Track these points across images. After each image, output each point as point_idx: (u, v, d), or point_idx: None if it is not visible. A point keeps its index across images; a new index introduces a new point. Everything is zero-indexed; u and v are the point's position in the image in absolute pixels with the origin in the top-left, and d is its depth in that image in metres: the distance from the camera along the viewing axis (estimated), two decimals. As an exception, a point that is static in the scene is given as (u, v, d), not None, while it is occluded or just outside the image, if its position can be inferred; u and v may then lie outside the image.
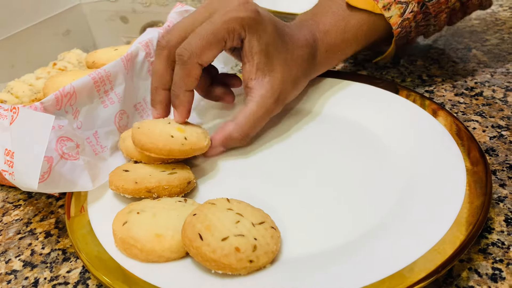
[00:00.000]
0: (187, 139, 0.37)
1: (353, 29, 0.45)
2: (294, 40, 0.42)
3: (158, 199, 0.34)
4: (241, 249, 0.28)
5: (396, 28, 0.45)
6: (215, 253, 0.28)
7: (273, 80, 0.40)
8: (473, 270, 0.29)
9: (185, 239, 0.29)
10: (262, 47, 0.39)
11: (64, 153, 0.35)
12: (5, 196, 0.43)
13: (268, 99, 0.40)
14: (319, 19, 0.46)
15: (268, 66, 0.39)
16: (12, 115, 0.33)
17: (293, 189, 0.37)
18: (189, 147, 0.37)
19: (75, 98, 0.38)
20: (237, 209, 0.31)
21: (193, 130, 0.39)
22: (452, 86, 0.50)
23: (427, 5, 0.45)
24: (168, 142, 0.36)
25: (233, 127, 0.39)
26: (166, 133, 0.37)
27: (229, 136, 0.40)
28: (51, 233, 0.38)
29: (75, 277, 0.33)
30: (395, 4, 0.44)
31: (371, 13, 0.45)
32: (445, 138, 0.37)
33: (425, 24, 0.48)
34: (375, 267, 0.28)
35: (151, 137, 0.36)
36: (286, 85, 0.41)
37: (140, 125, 0.38)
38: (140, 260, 0.30)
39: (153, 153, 0.36)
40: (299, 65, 0.42)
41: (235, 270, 0.28)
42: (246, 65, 0.40)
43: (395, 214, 0.32)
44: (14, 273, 0.34)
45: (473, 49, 0.57)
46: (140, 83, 0.45)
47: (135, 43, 0.46)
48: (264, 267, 0.29)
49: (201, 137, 0.38)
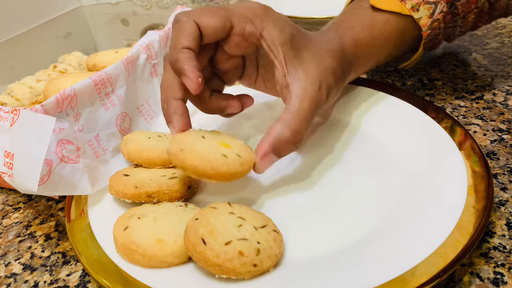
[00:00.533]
0: (241, 156, 0.33)
1: (380, 25, 0.42)
2: (318, 37, 0.38)
3: (158, 203, 0.34)
4: (244, 253, 0.28)
5: (426, 29, 0.43)
6: (218, 257, 0.27)
7: (309, 69, 0.35)
8: (475, 274, 0.29)
9: (188, 244, 0.29)
10: (286, 37, 0.35)
11: (64, 156, 0.35)
12: (5, 198, 0.43)
13: (310, 89, 0.35)
14: (342, 21, 0.43)
15: (296, 58, 0.35)
16: (13, 116, 0.33)
17: (294, 193, 0.37)
18: (247, 166, 0.33)
19: (76, 100, 0.38)
20: (239, 213, 0.31)
21: (234, 142, 0.35)
22: (453, 90, 0.50)
23: (456, 5, 0.43)
24: (230, 165, 0.32)
25: (281, 127, 0.34)
26: (217, 152, 0.32)
27: (279, 138, 0.34)
28: (51, 236, 0.37)
29: (75, 281, 0.33)
30: (424, 5, 0.42)
31: (398, 14, 0.43)
32: (446, 142, 0.37)
33: (452, 25, 0.46)
34: (376, 271, 0.28)
35: (206, 162, 0.31)
36: (324, 74, 0.36)
37: (179, 145, 0.32)
38: (142, 266, 0.30)
39: (214, 180, 0.31)
40: (331, 57, 0.37)
41: (239, 274, 0.28)
42: (274, 62, 0.35)
43: (397, 218, 0.32)
44: (14, 276, 0.34)
45: (474, 52, 0.57)
46: (143, 85, 0.45)
47: (136, 45, 0.46)
48: (268, 271, 0.29)
49: (247, 149, 0.34)
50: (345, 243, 0.31)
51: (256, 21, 0.35)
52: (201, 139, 0.34)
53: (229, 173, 0.32)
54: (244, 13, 0.35)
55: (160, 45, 0.47)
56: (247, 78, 0.41)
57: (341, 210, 0.34)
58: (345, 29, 0.41)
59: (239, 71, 0.40)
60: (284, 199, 0.36)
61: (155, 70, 0.47)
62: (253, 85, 0.42)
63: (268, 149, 0.34)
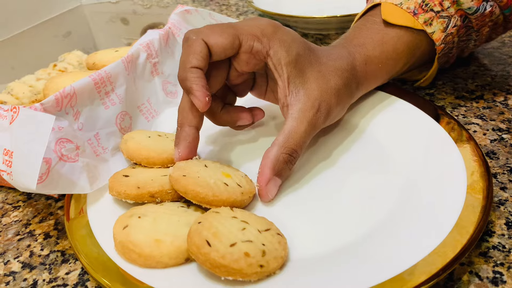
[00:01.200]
0: (241, 186, 0.34)
1: (392, 41, 0.42)
2: (326, 54, 0.38)
3: (161, 203, 0.34)
4: (250, 254, 0.28)
5: (439, 44, 0.42)
6: (224, 258, 0.27)
7: (309, 92, 0.36)
8: (474, 273, 0.29)
9: (192, 246, 0.28)
10: (291, 58, 0.35)
11: (63, 154, 0.35)
12: (4, 197, 0.43)
13: (308, 112, 0.35)
14: (352, 37, 0.43)
15: (300, 78, 0.36)
16: (12, 114, 0.33)
17: (293, 195, 0.36)
18: (247, 196, 0.34)
19: (75, 99, 0.38)
20: (242, 217, 0.31)
21: (234, 173, 0.36)
22: (453, 89, 0.50)
23: (470, 18, 0.42)
24: (230, 193, 0.33)
25: (276, 149, 0.35)
26: (218, 180, 0.33)
27: (276, 159, 0.34)
28: (50, 234, 0.37)
29: (74, 279, 0.33)
30: (437, 19, 0.41)
31: (410, 29, 0.42)
32: (445, 141, 0.37)
33: (466, 39, 0.45)
34: (375, 270, 0.28)
35: (208, 188, 0.32)
36: (326, 95, 0.36)
37: (181, 171, 0.34)
38: (138, 265, 0.30)
39: (214, 205, 0.32)
40: (337, 76, 0.38)
41: (246, 275, 0.27)
42: (278, 81, 0.36)
43: (396, 217, 0.32)
44: (13, 274, 0.34)
45: (474, 52, 0.57)
46: (143, 84, 0.45)
47: (136, 44, 0.46)
48: (274, 273, 0.29)
49: (248, 181, 0.36)
50: (343, 243, 0.31)
51: (263, 40, 0.35)
52: (204, 168, 0.35)
53: (229, 201, 0.32)
54: (253, 31, 0.35)
55: (161, 44, 0.47)
56: (257, 90, 0.42)
57: (341, 210, 0.34)
58: (356, 46, 0.41)
59: (250, 84, 0.41)
60: (285, 201, 0.36)
61: (155, 69, 0.47)
62: (263, 96, 0.42)
63: (271, 174, 0.34)
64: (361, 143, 0.41)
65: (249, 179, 0.36)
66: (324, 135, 0.43)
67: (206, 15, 0.50)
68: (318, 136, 0.43)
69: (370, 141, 0.41)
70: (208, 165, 0.36)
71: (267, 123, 0.46)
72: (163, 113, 0.47)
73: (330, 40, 0.67)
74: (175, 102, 0.48)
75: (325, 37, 0.69)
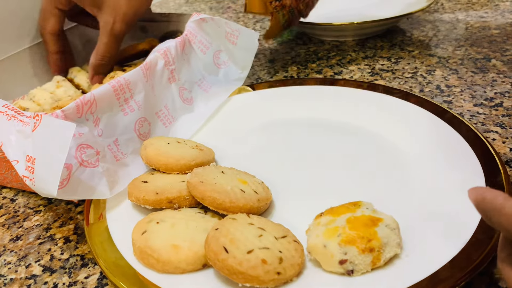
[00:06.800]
0: (258, 193, 0.35)
1: None
2: None
3: (178, 209, 0.34)
4: (267, 261, 0.28)
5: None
6: (242, 265, 0.27)
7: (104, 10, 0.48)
8: (493, 283, 0.29)
9: (210, 253, 0.28)
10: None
11: (83, 160, 0.36)
12: (26, 201, 0.44)
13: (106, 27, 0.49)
14: None
15: None
16: (35, 122, 0.34)
17: (309, 202, 0.36)
18: (264, 202, 0.35)
19: (95, 106, 0.38)
20: (258, 224, 0.31)
21: (251, 180, 0.37)
22: (471, 97, 0.49)
23: None
24: (246, 199, 0.33)
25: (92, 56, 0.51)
26: (235, 187, 0.34)
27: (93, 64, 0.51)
28: (70, 239, 0.38)
29: (93, 283, 0.33)
30: None
31: None
32: (464, 149, 0.37)
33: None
34: (394, 276, 0.28)
35: (225, 195, 0.33)
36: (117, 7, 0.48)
37: (199, 177, 0.34)
38: (157, 271, 0.30)
39: (231, 212, 0.33)
40: None
41: (263, 282, 0.27)
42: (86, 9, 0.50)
43: (413, 228, 0.32)
44: (34, 277, 0.35)
45: (493, 59, 0.56)
46: (161, 91, 0.46)
47: (153, 52, 0.47)
48: (291, 280, 0.29)
49: (264, 188, 0.36)
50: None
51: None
52: (221, 174, 0.36)
53: (246, 207, 0.33)
54: None
55: (177, 51, 0.48)
56: None
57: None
58: None
59: None
60: (301, 208, 0.36)
61: (172, 76, 0.47)
62: None
63: (92, 72, 0.52)
64: (379, 149, 0.41)
65: (266, 186, 0.37)
66: (344, 143, 0.43)
67: (222, 23, 0.51)
68: (338, 142, 0.43)
69: (387, 147, 0.41)
70: (225, 171, 0.37)
71: (281, 130, 0.46)
72: (180, 119, 0.48)
73: (347, 47, 0.67)
74: (190, 109, 0.49)
75: (342, 44, 0.69)
